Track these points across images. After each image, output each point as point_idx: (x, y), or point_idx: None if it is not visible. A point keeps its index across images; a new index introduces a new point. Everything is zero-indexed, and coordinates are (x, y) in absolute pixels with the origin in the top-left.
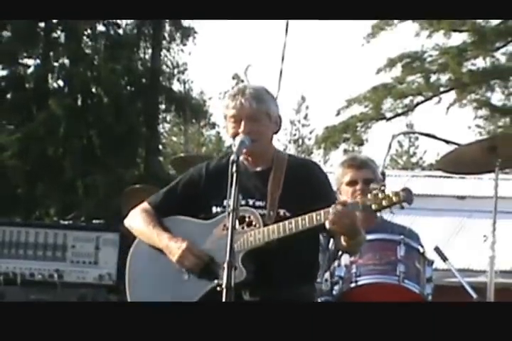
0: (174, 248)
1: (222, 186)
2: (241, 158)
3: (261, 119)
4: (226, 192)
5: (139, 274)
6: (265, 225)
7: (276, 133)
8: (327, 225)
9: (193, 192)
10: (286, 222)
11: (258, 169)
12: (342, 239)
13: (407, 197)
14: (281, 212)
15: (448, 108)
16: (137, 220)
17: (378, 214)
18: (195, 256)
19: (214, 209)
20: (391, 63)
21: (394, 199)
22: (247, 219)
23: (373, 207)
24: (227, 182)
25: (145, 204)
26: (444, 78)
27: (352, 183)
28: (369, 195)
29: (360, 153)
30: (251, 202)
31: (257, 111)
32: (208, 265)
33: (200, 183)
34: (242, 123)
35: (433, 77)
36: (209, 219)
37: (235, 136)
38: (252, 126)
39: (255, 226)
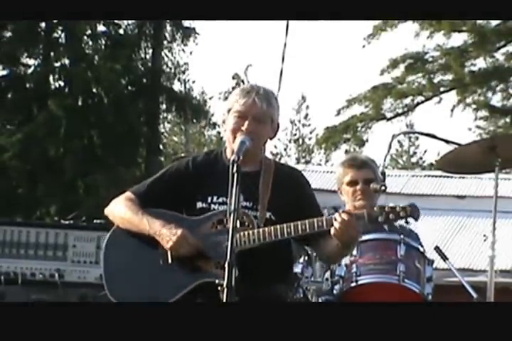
0: (169, 234)
1: (207, 182)
2: (228, 154)
3: (265, 122)
4: (211, 188)
5: (118, 266)
6: (258, 227)
7: (271, 139)
8: (332, 232)
9: (178, 184)
10: (285, 225)
11: (246, 169)
12: (333, 248)
13: (413, 213)
14: (267, 214)
15: (452, 110)
16: (122, 207)
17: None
18: (190, 244)
19: (199, 205)
20: (394, 64)
21: (401, 213)
22: (239, 220)
23: (379, 219)
24: (211, 179)
25: (128, 194)
26: (444, 78)
27: (352, 183)
28: (375, 208)
29: (360, 153)
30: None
31: (265, 113)
32: (200, 256)
33: (186, 177)
34: (247, 121)
35: (434, 78)
36: (193, 214)
37: (235, 131)
38: (256, 127)
39: (248, 226)
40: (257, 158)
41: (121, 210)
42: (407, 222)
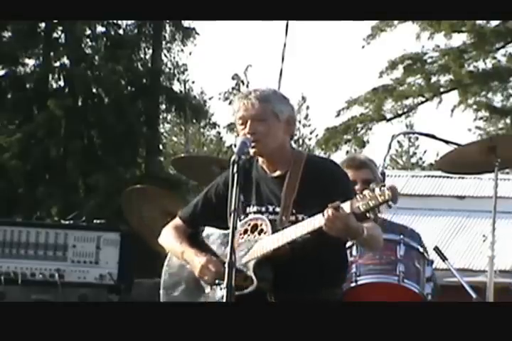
0: (196, 263)
1: (244, 194)
2: (260, 162)
3: (267, 119)
4: (247, 200)
5: (172, 289)
6: (276, 231)
7: (288, 133)
8: (323, 229)
9: (219, 201)
10: (286, 230)
11: (276, 174)
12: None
13: (392, 196)
14: (300, 217)
15: (452, 110)
16: (167, 237)
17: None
18: (214, 271)
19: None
20: (392, 65)
21: (380, 199)
22: (259, 227)
23: (361, 208)
24: (248, 189)
25: (176, 220)
26: (444, 79)
27: None
28: (358, 196)
29: (361, 153)
30: (271, 208)
31: (262, 110)
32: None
33: (225, 194)
34: (248, 123)
35: (433, 78)
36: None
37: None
38: (258, 126)
39: (265, 234)
40: (284, 159)
41: (167, 240)
42: (389, 207)
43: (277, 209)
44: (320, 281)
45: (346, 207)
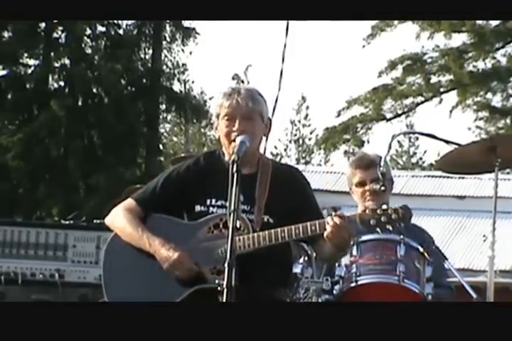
0: (166, 256)
1: (207, 184)
2: (226, 156)
3: (254, 119)
4: (210, 191)
5: (117, 271)
6: (253, 231)
7: (265, 135)
8: (324, 235)
9: (179, 189)
10: (279, 230)
11: (245, 172)
12: (330, 249)
13: (405, 215)
14: (265, 218)
15: (451, 111)
16: (122, 220)
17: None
18: (186, 268)
19: (197, 208)
20: (392, 65)
21: (393, 216)
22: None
23: (371, 222)
24: (211, 181)
25: (130, 202)
26: (444, 79)
27: (361, 184)
28: (367, 210)
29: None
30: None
31: (252, 110)
32: (196, 275)
33: (187, 181)
34: (237, 121)
35: (433, 78)
36: (192, 217)
37: (228, 134)
38: (247, 125)
39: (244, 231)
40: (255, 159)
41: (121, 223)
42: (399, 225)
43: (242, 207)
44: (278, 280)
45: (355, 218)
